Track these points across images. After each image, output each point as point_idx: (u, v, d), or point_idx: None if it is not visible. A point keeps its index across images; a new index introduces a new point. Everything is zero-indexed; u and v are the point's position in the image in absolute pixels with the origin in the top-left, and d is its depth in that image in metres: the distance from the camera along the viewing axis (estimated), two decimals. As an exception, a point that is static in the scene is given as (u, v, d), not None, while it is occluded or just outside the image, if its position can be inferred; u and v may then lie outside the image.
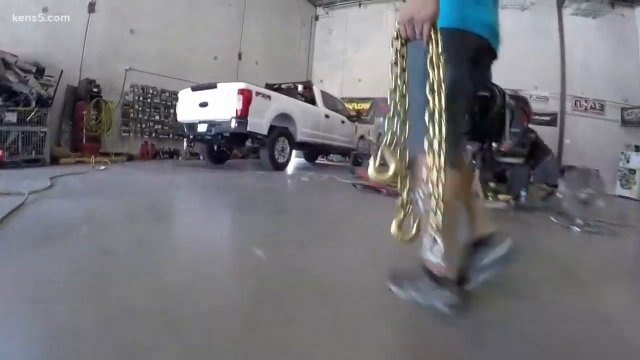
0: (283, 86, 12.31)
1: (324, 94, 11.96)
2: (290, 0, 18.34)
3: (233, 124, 8.54)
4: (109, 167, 8.50)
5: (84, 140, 10.42)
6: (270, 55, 17.14)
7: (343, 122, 12.74)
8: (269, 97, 9.37)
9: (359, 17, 19.15)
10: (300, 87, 11.62)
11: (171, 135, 13.12)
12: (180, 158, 12.48)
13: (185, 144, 9.62)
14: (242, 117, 8.59)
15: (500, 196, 6.71)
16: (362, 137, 14.47)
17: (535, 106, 15.08)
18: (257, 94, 9.00)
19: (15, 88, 8.57)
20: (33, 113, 8.36)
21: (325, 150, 13.07)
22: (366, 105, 18.43)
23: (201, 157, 10.88)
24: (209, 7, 14.27)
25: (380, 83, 17.44)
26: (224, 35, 15.05)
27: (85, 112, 10.37)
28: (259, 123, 9.05)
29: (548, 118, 16.02)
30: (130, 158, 11.38)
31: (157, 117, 12.68)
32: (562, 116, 16.23)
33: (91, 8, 10.98)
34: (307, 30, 19.78)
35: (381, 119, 15.89)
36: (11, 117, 8.06)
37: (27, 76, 8.90)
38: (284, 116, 9.91)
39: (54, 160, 8.79)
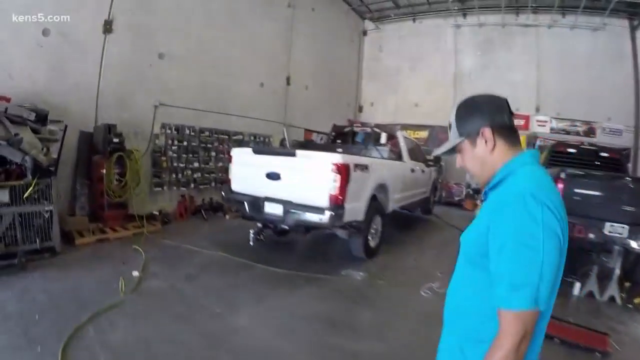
0: (356, 129, 8.86)
1: (406, 141, 8.58)
2: (338, 12, 14.93)
3: (326, 217, 5.43)
4: (143, 264, 5.64)
5: (105, 208, 7.30)
6: (320, 77, 13.82)
7: (423, 171, 9.33)
8: (366, 167, 6.23)
9: (414, 32, 15.76)
10: (384, 137, 8.13)
11: (213, 184, 9.94)
12: (227, 216, 9.39)
13: (251, 235, 6.08)
14: (339, 205, 5.50)
15: (636, 300, 5.60)
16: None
17: (608, 140, 12.68)
18: (356, 167, 5.84)
19: (3, 153, 5.60)
20: (31, 188, 5.59)
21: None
22: (424, 134, 15.02)
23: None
24: (252, 23, 10.99)
25: (440, 109, 14.29)
26: (270, 57, 11.77)
27: (104, 171, 7.21)
28: (356, 208, 6.02)
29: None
30: (166, 220, 8.39)
31: (196, 164, 9.29)
32: (636, 152, 13.26)
33: (107, 27, 7.77)
34: (356, 47, 16.23)
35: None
36: (1, 195, 5.44)
37: (19, 133, 5.74)
38: (379, 187, 6.77)
39: (68, 240, 6.30)
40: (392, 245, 7.69)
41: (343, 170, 5.43)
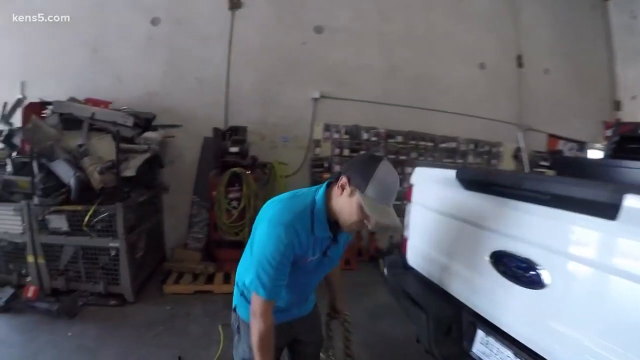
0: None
1: None
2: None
3: None
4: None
5: (220, 245, 4.17)
6: (561, 58, 7.83)
7: None
8: None
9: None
10: None
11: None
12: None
13: None
14: None
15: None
16: None
17: None
18: None
19: (55, 169, 3.41)
20: (88, 215, 3.27)
21: None
22: None
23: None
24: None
25: None
26: (490, 26, 6.71)
27: (215, 194, 3.92)
28: None
29: None
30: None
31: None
32: None
33: (234, 2, 4.82)
34: (598, 16, 9.57)
35: None
36: (58, 222, 3.33)
37: (84, 144, 3.59)
38: None
39: (163, 281, 3.83)
40: None
41: None
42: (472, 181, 1.82)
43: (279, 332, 1.44)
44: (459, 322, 1.80)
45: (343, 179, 1.26)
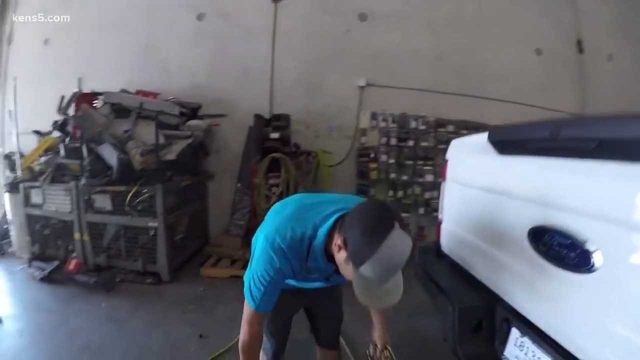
0: None
1: None
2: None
3: None
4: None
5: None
6: (627, 41, 7.05)
7: None
8: None
9: None
10: None
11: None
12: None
13: None
14: None
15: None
16: None
17: None
18: None
19: (101, 152, 3.56)
20: (130, 195, 3.36)
21: None
22: None
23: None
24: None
25: None
26: (545, 6, 6.13)
27: (255, 180, 3.80)
28: None
29: None
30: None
31: (430, 177, 4.87)
32: None
33: None
34: None
35: None
36: (103, 201, 3.48)
37: (130, 129, 3.68)
38: None
39: (202, 264, 3.85)
40: None
41: None
42: (505, 142, 1.51)
43: (287, 297, 1.41)
44: (491, 318, 1.47)
45: (339, 240, 1.05)
